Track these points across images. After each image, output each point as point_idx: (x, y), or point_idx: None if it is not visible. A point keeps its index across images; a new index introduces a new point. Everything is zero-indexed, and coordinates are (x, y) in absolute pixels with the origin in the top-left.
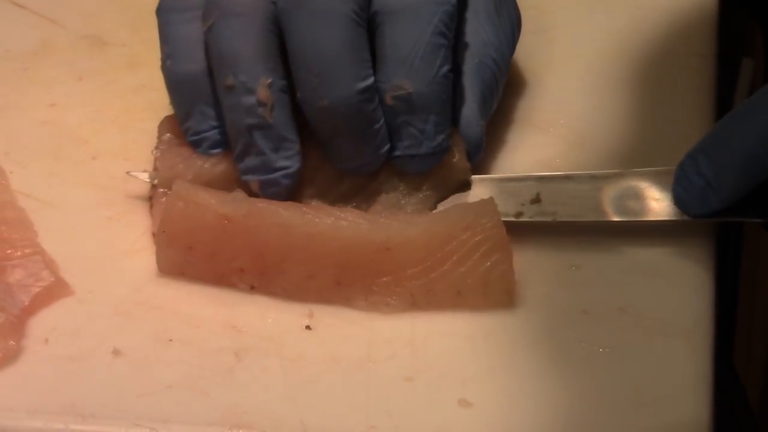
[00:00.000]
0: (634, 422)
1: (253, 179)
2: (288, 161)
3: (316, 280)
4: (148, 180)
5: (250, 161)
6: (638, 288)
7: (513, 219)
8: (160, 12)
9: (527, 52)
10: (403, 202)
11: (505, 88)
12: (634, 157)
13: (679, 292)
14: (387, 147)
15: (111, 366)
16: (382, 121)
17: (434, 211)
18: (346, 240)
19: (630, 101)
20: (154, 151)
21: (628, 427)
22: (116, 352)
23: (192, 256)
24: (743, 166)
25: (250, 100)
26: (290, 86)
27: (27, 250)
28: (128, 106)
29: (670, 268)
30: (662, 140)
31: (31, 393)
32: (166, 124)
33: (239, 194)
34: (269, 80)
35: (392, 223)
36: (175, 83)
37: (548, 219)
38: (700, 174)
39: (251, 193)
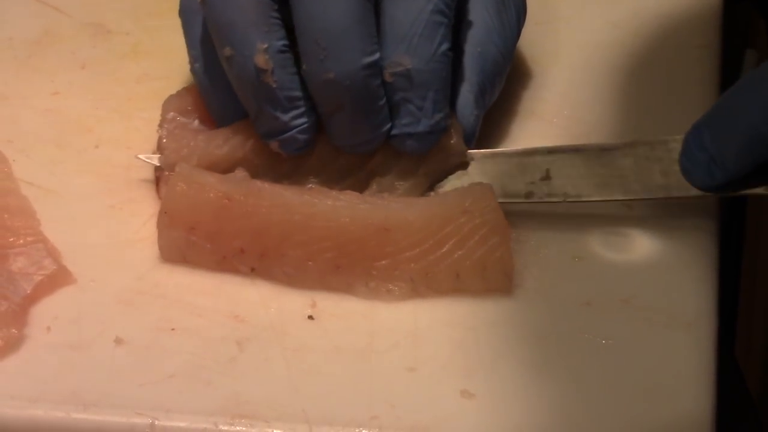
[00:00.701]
0: (637, 414)
1: (272, 141)
2: (301, 118)
3: (315, 263)
4: (159, 163)
5: (265, 125)
6: (641, 279)
7: (524, 200)
8: (182, 13)
9: (531, 43)
10: (397, 183)
11: (509, 78)
12: None
13: (681, 283)
14: (388, 126)
15: (113, 355)
16: (384, 98)
17: (432, 195)
18: (345, 220)
19: (634, 93)
20: (159, 130)
21: (631, 418)
22: (118, 341)
23: (194, 237)
24: (747, 144)
25: (250, 67)
26: (292, 44)
27: (29, 238)
28: (131, 94)
29: (672, 259)
30: (666, 132)
31: (32, 381)
32: (172, 103)
33: (240, 173)
34: (265, 45)
35: (391, 204)
36: (205, 87)
37: (559, 200)
38: (704, 148)
39: (256, 170)
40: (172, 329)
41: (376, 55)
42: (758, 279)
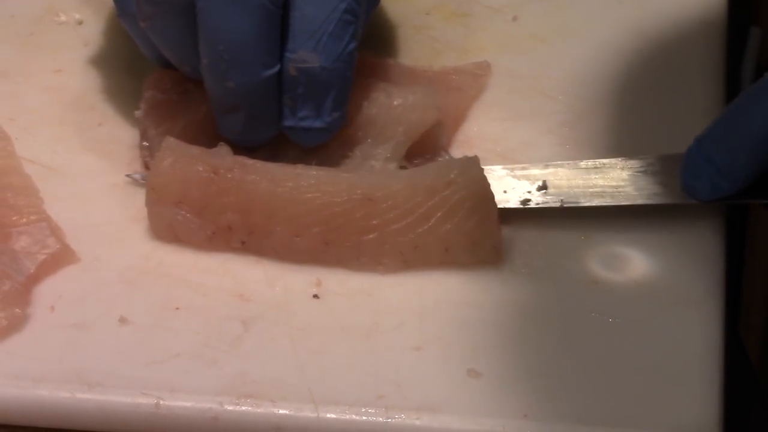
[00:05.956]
0: (643, 392)
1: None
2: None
3: (303, 239)
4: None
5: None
6: (649, 258)
7: (520, 206)
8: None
9: (536, 20)
10: (380, 149)
11: (514, 55)
12: (644, 126)
13: (690, 262)
14: (280, 123)
15: (117, 334)
16: (282, 97)
17: (416, 168)
18: (329, 189)
19: (639, 70)
20: (136, 112)
21: (637, 396)
22: (123, 320)
23: (182, 212)
24: (754, 151)
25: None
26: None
27: (33, 217)
28: (134, 71)
29: (681, 237)
30: (673, 109)
31: (37, 361)
32: (151, 80)
33: (223, 148)
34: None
35: (375, 174)
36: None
37: (556, 205)
38: (710, 161)
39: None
40: (177, 308)
41: (277, 68)
42: (756, 255)
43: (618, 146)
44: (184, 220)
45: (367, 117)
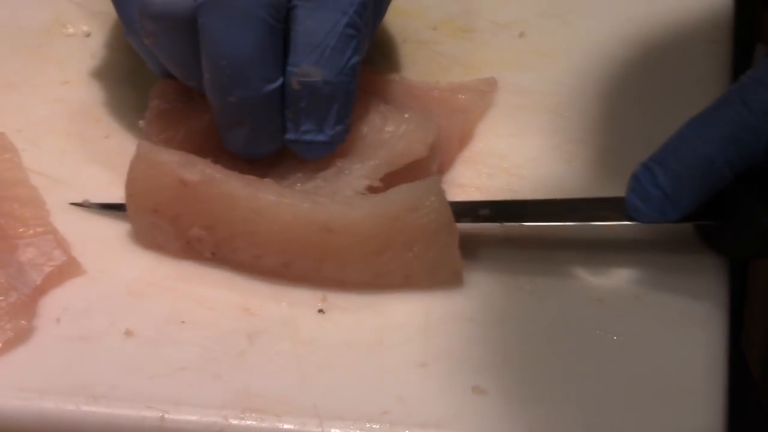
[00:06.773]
0: (648, 410)
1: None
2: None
3: (265, 260)
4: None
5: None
6: (653, 276)
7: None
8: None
9: (543, 36)
10: (357, 167)
11: (521, 71)
12: (650, 142)
13: (694, 281)
14: (284, 136)
15: (123, 347)
16: (285, 111)
17: (378, 195)
18: (288, 219)
19: (646, 87)
20: (141, 122)
21: (642, 415)
22: (128, 333)
23: (158, 219)
24: (701, 176)
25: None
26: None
27: (39, 229)
28: (142, 84)
29: (685, 256)
30: (678, 126)
31: (42, 373)
32: (157, 90)
33: (194, 159)
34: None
35: (334, 204)
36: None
37: (500, 222)
38: (656, 185)
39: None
40: (183, 322)
41: (279, 82)
42: (758, 270)
43: (624, 162)
44: (161, 228)
45: (357, 133)
